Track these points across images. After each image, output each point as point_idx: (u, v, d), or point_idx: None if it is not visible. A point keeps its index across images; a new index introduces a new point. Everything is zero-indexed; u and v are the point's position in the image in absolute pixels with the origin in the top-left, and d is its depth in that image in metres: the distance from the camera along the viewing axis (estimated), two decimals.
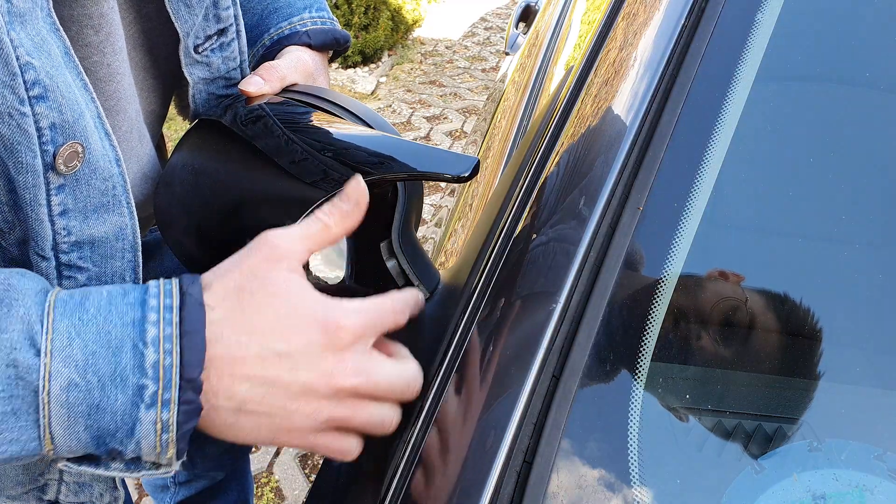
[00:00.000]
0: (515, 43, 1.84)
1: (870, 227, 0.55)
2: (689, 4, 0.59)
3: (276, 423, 0.47)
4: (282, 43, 0.73)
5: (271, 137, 0.59)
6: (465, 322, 0.57)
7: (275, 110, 0.62)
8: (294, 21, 0.74)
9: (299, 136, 0.58)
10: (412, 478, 0.50)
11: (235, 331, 0.45)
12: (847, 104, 0.60)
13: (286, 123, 0.60)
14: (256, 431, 0.47)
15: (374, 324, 0.49)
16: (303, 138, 0.58)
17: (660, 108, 0.55)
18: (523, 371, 0.47)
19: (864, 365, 0.50)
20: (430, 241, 1.34)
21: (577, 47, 0.86)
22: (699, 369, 0.50)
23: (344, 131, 0.59)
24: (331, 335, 0.46)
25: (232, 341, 0.45)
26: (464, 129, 4.01)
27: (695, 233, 0.51)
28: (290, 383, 0.46)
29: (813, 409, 0.49)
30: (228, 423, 0.46)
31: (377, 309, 0.49)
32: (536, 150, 0.68)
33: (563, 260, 0.51)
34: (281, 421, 0.47)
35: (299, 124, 0.60)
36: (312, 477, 1.93)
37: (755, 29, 0.58)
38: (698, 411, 0.48)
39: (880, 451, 0.46)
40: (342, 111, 0.63)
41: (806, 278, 0.53)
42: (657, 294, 0.49)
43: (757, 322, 0.51)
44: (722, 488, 0.45)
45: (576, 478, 0.44)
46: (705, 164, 0.53)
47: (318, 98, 0.65)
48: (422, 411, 0.53)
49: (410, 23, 5.00)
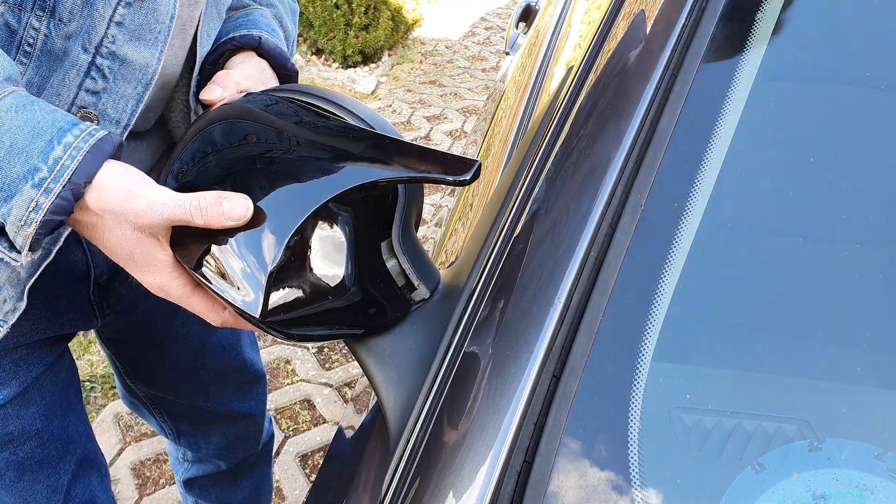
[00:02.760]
0: (515, 43, 1.84)
1: (870, 227, 0.55)
2: (689, 4, 0.59)
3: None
4: (233, 41, 0.77)
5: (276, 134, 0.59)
6: (465, 321, 0.57)
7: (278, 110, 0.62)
8: (252, 31, 0.79)
9: (299, 137, 0.58)
10: (412, 478, 0.50)
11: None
12: (847, 104, 0.60)
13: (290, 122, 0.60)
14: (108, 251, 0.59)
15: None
16: (299, 138, 0.58)
17: (660, 108, 0.55)
18: (523, 371, 0.47)
19: (864, 365, 0.50)
20: (430, 241, 1.34)
21: (578, 47, 0.86)
22: (699, 369, 0.50)
23: (342, 132, 0.59)
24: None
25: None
26: (464, 129, 4.02)
27: (695, 232, 0.51)
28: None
29: (813, 409, 0.49)
30: (87, 234, 0.59)
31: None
32: (536, 150, 0.68)
33: (563, 260, 0.51)
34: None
35: (299, 125, 0.60)
36: (312, 477, 1.93)
37: (755, 29, 0.58)
38: (698, 411, 0.48)
39: (880, 451, 0.46)
40: (342, 111, 0.63)
41: (806, 278, 0.53)
42: (657, 294, 0.49)
43: (757, 322, 0.51)
44: (722, 488, 0.45)
45: (576, 478, 0.44)
46: (705, 163, 0.53)
47: (318, 98, 0.65)
48: (422, 411, 0.53)
49: (410, 23, 5.00)
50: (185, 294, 0.60)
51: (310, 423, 2.09)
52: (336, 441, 0.79)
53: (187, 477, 1.33)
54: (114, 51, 0.63)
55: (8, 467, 0.84)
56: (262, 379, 1.20)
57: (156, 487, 1.87)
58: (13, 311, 0.69)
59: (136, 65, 0.65)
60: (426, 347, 0.58)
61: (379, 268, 0.61)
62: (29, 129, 0.54)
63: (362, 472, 0.61)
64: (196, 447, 1.21)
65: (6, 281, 0.68)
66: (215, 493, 1.34)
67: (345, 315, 0.59)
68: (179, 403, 1.12)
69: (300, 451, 1.99)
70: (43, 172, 0.53)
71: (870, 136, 0.59)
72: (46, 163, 0.53)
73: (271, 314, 0.54)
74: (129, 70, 0.65)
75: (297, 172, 0.55)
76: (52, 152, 0.53)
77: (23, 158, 0.53)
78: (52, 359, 0.86)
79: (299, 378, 2.25)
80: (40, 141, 0.54)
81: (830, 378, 0.50)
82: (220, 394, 1.13)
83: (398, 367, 0.58)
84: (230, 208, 0.53)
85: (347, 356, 2.35)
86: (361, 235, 0.59)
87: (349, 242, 0.58)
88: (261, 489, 1.39)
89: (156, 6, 0.64)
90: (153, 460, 1.94)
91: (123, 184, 0.55)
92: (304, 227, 0.55)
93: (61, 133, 0.54)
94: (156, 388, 1.09)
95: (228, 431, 1.20)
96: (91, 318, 0.88)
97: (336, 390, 2.21)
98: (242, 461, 1.30)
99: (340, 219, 0.58)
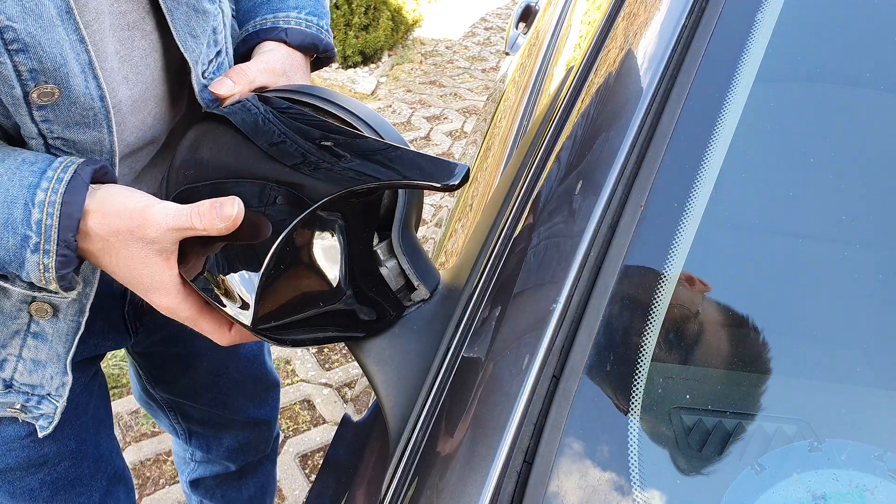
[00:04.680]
0: (515, 43, 1.84)
1: (870, 227, 0.55)
2: (689, 4, 0.59)
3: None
4: (259, 35, 0.76)
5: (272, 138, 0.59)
6: (465, 322, 0.57)
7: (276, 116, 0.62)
8: (279, 16, 0.77)
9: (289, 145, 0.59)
10: (412, 478, 0.50)
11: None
12: (847, 104, 0.60)
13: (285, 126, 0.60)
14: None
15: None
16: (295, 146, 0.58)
17: (660, 108, 0.55)
18: (523, 371, 0.47)
19: (864, 365, 0.50)
20: (430, 241, 1.34)
21: (577, 47, 0.86)
22: (699, 369, 0.50)
23: (330, 140, 0.59)
24: None
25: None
26: (464, 129, 4.02)
27: (695, 232, 0.51)
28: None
29: (813, 409, 0.49)
30: (94, 261, 0.59)
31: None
32: (536, 150, 0.68)
33: (563, 260, 0.51)
34: None
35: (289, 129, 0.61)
36: (312, 477, 1.93)
37: (755, 29, 0.58)
38: (698, 411, 0.48)
39: (880, 451, 0.46)
40: (343, 111, 0.63)
41: (806, 278, 0.53)
42: (657, 294, 0.49)
43: (757, 322, 0.51)
44: (722, 488, 0.45)
45: (576, 478, 0.44)
46: (706, 163, 0.53)
47: (318, 98, 0.65)
48: (422, 412, 0.53)
49: (411, 23, 5.00)
50: (192, 315, 0.61)
51: (310, 424, 2.09)
52: (336, 441, 0.79)
53: (193, 478, 1.33)
54: (58, 136, 0.61)
55: (42, 488, 0.85)
56: (277, 387, 1.21)
57: (156, 487, 1.87)
58: (63, 385, 0.73)
59: (88, 144, 0.63)
60: (426, 348, 0.58)
61: (376, 270, 0.61)
62: (3, 200, 0.55)
63: (362, 472, 0.61)
64: (206, 448, 1.21)
65: (48, 359, 0.71)
66: (220, 493, 1.35)
67: (341, 319, 0.59)
68: (197, 408, 1.12)
69: (300, 452, 1.99)
70: (34, 238, 0.55)
71: (870, 136, 0.59)
72: (32, 229, 0.55)
73: (262, 321, 0.55)
74: (85, 148, 0.63)
75: (284, 182, 0.56)
76: (32, 217, 0.55)
77: (11, 230, 0.55)
78: (87, 378, 0.87)
79: (299, 378, 2.25)
80: (17, 209, 0.55)
81: (830, 378, 0.50)
82: (238, 402, 1.13)
83: (398, 367, 0.58)
84: (221, 210, 0.54)
85: (347, 356, 2.35)
86: (354, 240, 0.59)
87: (341, 247, 0.58)
88: (265, 488, 1.40)
89: (73, 100, 0.60)
90: (153, 460, 1.94)
91: (123, 204, 0.56)
92: (293, 235, 0.55)
93: (31, 192, 0.55)
94: (175, 394, 1.10)
95: (241, 436, 1.20)
96: (125, 337, 0.88)
97: (336, 390, 2.21)
98: (249, 462, 1.30)
99: (330, 224, 0.58)
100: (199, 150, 0.63)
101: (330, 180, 0.54)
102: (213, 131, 0.64)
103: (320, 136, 0.59)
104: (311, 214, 0.53)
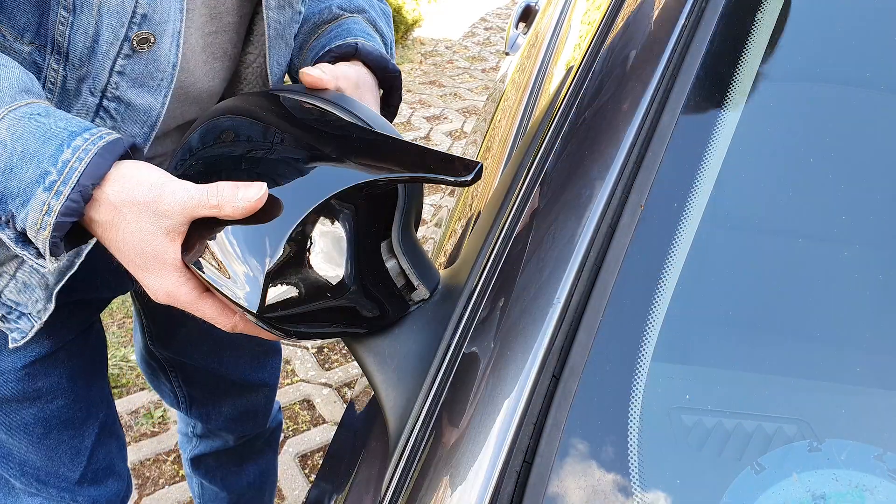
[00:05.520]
0: (515, 43, 1.84)
1: (870, 227, 0.55)
2: (689, 4, 0.59)
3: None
4: (330, 53, 0.80)
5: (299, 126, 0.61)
6: (464, 322, 0.57)
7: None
8: (347, 39, 0.82)
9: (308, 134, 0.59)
10: (412, 478, 0.50)
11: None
12: (847, 104, 0.60)
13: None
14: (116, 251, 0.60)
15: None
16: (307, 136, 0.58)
17: (660, 108, 0.55)
18: (523, 371, 0.47)
19: (864, 365, 0.50)
20: (430, 241, 1.34)
21: (577, 47, 0.86)
22: (699, 369, 0.50)
23: (350, 131, 0.59)
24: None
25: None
26: (464, 130, 4.02)
27: (695, 232, 0.51)
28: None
29: (813, 409, 0.49)
30: (99, 233, 0.60)
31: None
32: (536, 150, 0.68)
33: (563, 260, 0.51)
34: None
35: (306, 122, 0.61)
36: (312, 477, 1.93)
37: (755, 29, 0.58)
38: (698, 411, 0.48)
39: (880, 451, 0.46)
40: (343, 112, 0.63)
41: (806, 278, 0.53)
42: (657, 294, 0.49)
43: (757, 322, 0.51)
44: (722, 488, 0.45)
45: (575, 478, 0.44)
46: (705, 163, 0.53)
47: (319, 99, 0.65)
48: (422, 411, 0.53)
49: (410, 23, 5.00)
50: (192, 300, 0.60)
51: (309, 424, 2.09)
52: (336, 441, 0.79)
53: (195, 454, 1.36)
54: (118, 95, 0.69)
55: (36, 424, 0.91)
56: (278, 354, 1.23)
57: (155, 487, 1.87)
58: (44, 310, 0.78)
59: (140, 108, 0.70)
60: (426, 347, 0.58)
61: (379, 267, 0.61)
62: (41, 135, 0.56)
63: (362, 472, 0.61)
64: (206, 418, 1.25)
65: (37, 285, 0.77)
66: (221, 475, 1.37)
67: (345, 314, 0.59)
68: (195, 367, 1.15)
69: (300, 451, 1.99)
70: (53, 175, 0.55)
71: (870, 136, 0.59)
72: (56, 166, 0.55)
73: (269, 310, 0.54)
74: (135, 112, 0.70)
75: (299, 170, 0.55)
76: (62, 155, 0.55)
77: (35, 163, 0.55)
78: (85, 326, 0.93)
79: (299, 378, 2.25)
80: (51, 145, 0.55)
81: (830, 378, 0.50)
82: (234, 359, 1.16)
83: (398, 367, 0.58)
84: (244, 193, 0.54)
85: (347, 356, 2.35)
86: (362, 234, 0.59)
87: (350, 240, 0.58)
88: (266, 477, 1.42)
89: (156, 57, 0.68)
90: (153, 460, 1.94)
91: (146, 176, 0.57)
92: (305, 224, 0.55)
93: (72, 137, 0.56)
94: (174, 350, 1.14)
95: (240, 402, 1.23)
96: (125, 280, 0.94)
97: (336, 390, 2.21)
98: (249, 442, 1.33)
99: (342, 216, 0.58)
100: (212, 131, 0.64)
101: (348, 170, 0.54)
102: (244, 106, 0.65)
103: (339, 129, 0.59)
104: (325, 203, 0.53)
